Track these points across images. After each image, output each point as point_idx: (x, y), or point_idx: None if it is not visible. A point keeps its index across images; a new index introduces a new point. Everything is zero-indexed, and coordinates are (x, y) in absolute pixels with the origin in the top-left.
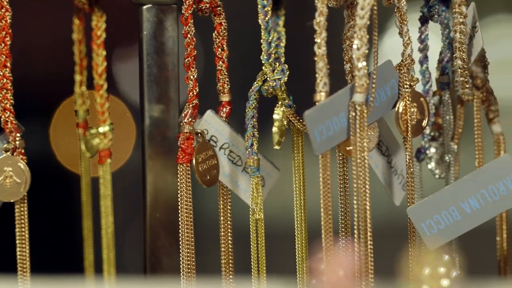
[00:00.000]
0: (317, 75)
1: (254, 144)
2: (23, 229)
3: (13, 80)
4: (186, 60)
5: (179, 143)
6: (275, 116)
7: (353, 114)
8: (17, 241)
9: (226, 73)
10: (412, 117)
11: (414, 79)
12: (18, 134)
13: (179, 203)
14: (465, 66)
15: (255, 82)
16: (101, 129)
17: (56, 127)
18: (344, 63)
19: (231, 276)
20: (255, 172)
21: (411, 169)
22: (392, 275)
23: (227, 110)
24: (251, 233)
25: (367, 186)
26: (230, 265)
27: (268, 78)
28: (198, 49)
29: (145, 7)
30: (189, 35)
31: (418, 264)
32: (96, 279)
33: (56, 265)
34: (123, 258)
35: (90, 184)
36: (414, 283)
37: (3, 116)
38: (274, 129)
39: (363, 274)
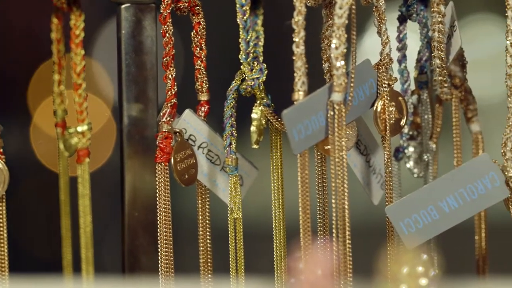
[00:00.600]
0: (295, 74)
1: (233, 143)
2: (1, 228)
3: None
4: (164, 59)
5: (157, 142)
6: (253, 115)
7: (331, 113)
8: None
9: (204, 72)
10: (391, 116)
11: (392, 78)
12: None
13: (157, 202)
14: (443, 65)
15: (234, 81)
16: (79, 128)
17: (35, 126)
18: (323, 62)
19: (209, 276)
20: (234, 171)
21: (390, 168)
22: (371, 274)
23: (205, 109)
24: (229, 232)
25: (345, 185)
26: (209, 264)
27: (246, 77)
28: (177, 48)
29: (123, 6)
30: (167, 34)
31: (396, 263)
32: (74, 278)
33: (34, 264)
34: (101, 257)
35: (68, 183)
36: (393, 282)
37: None
38: (253, 128)
39: (342, 273)
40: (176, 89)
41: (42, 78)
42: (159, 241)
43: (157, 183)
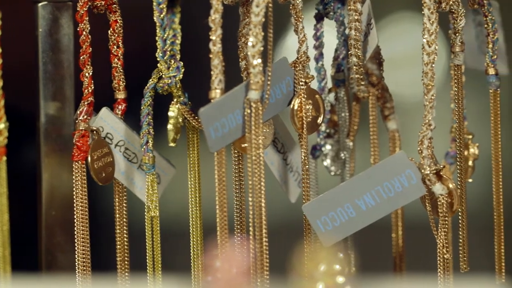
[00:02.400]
0: (212, 72)
1: (150, 141)
2: None
3: None
4: (81, 58)
5: (74, 141)
6: (170, 114)
7: (248, 111)
8: None
9: (121, 70)
10: (308, 114)
11: (309, 76)
12: None
13: (74, 200)
14: (360, 63)
15: (150, 80)
16: None
17: None
18: (240, 60)
19: (126, 273)
20: (151, 169)
21: (307, 166)
22: (288, 272)
23: (122, 108)
24: (146, 230)
25: (262, 183)
26: (126, 262)
27: (163, 76)
28: (94, 46)
29: (40, 4)
30: (84, 33)
31: (313, 261)
32: None
33: None
34: (18, 255)
35: None
36: (309, 280)
37: None
38: (169, 126)
39: (258, 271)
40: (93, 87)
41: None
42: (76, 240)
43: (74, 181)
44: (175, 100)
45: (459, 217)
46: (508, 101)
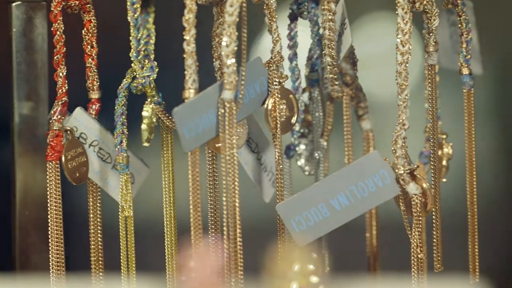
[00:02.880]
0: (186, 72)
1: (124, 141)
2: None
3: None
4: (55, 58)
5: (48, 141)
6: (144, 113)
7: (222, 111)
8: None
9: (95, 70)
10: (281, 114)
11: (283, 76)
12: None
13: (48, 200)
14: (334, 63)
15: (124, 79)
16: None
17: None
18: (214, 60)
19: (101, 273)
20: (125, 169)
21: (281, 166)
22: (262, 271)
23: (96, 107)
24: (120, 230)
25: (236, 183)
26: (100, 262)
27: (137, 75)
28: (68, 46)
29: (14, 4)
30: (58, 33)
31: (287, 261)
32: None
33: None
34: None
35: None
36: (283, 280)
37: None
38: (143, 126)
39: (232, 270)
40: (67, 87)
41: None
42: (50, 240)
43: (48, 181)
44: (149, 100)
45: (433, 216)
46: (482, 100)
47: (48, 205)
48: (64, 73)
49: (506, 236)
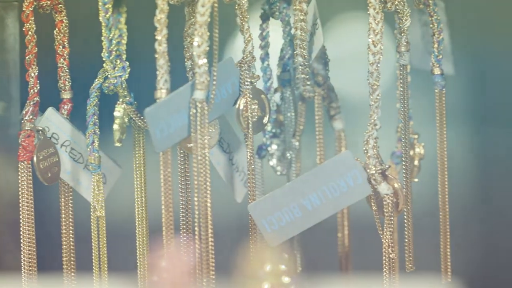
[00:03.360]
0: (157, 72)
1: (95, 141)
2: None
3: None
4: (27, 58)
5: (20, 141)
6: (116, 114)
7: (194, 111)
8: None
9: (67, 70)
10: (253, 114)
11: (255, 76)
12: None
13: (20, 200)
14: (305, 63)
15: (96, 79)
16: None
17: None
18: (185, 60)
19: (73, 274)
20: (96, 169)
21: (252, 166)
22: (233, 272)
23: (68, 108)
24: (92, 230)
25: (208, 183)
26: (72, 262)
27: (109, 75)
28: (40, 46)
29: None
30: (30, 33)
31: (258, 261)
32: None
33: None
34: None
35: None
36: (255, 280)
37: None
38: (115, 126)
39: (204, 270)
40: (39, 87)
41: None
42: (21, 240)
43: (19, 181)
44: (121, 100)
45: (405, 216)
46: (454, 100)
47: (20, 205)
48: (36, 73)
49: (478, 236)
